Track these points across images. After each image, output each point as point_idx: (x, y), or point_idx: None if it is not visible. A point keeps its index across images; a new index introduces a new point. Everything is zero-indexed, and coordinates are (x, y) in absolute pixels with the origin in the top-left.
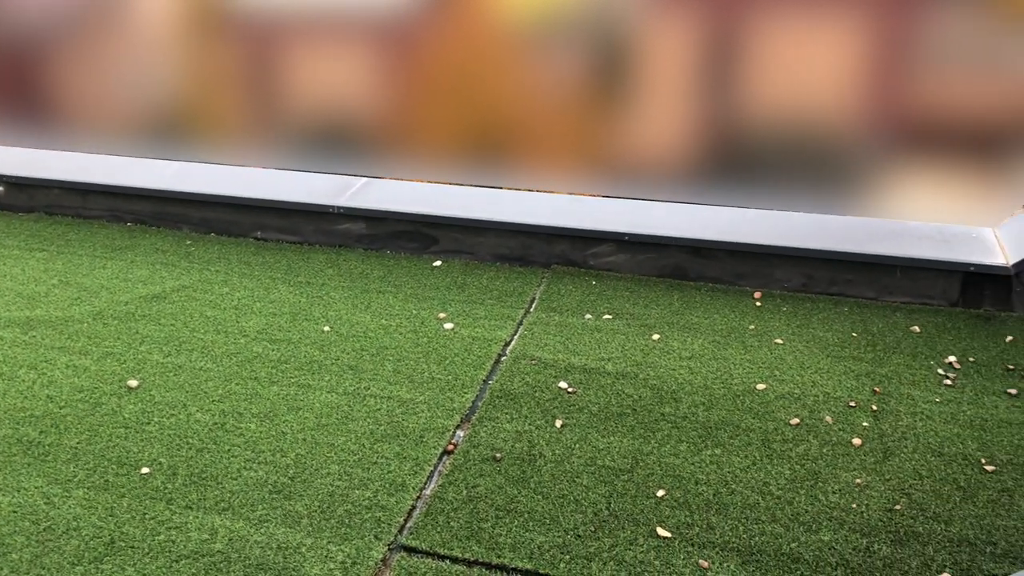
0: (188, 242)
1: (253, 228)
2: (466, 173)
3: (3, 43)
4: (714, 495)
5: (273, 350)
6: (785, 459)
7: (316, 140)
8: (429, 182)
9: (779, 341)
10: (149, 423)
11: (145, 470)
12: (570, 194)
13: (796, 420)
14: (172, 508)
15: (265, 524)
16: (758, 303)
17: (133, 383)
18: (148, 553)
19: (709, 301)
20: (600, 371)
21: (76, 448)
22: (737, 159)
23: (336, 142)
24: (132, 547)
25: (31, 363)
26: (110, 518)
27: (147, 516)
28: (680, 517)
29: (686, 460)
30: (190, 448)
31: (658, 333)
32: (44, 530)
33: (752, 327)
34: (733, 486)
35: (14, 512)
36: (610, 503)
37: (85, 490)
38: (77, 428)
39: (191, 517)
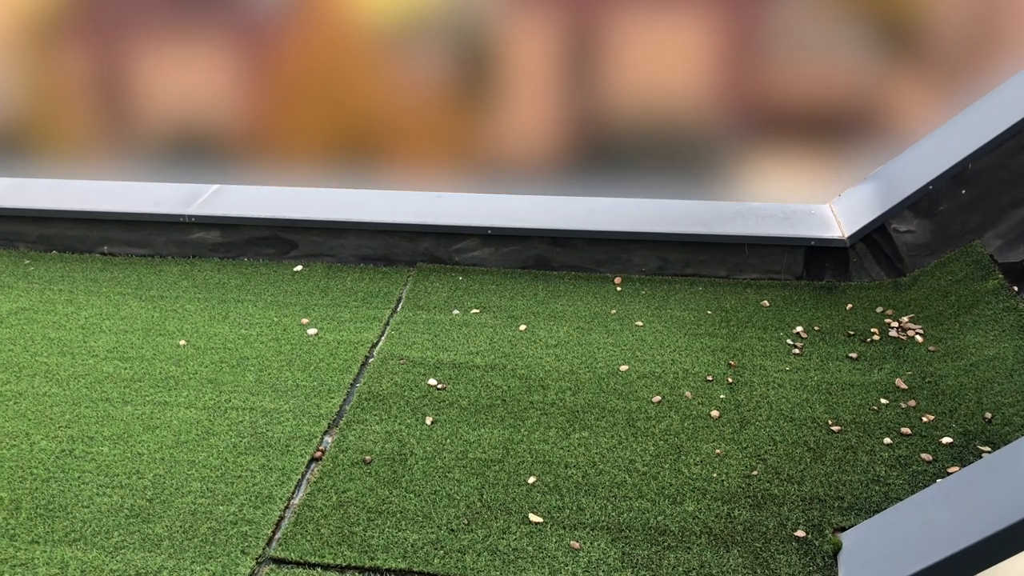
0: (27, 261)
1: (99, 243)
2: (329, 176)
3: None
4: (583, 477)
5: (125, 368)
6: (649, 436)
7: (168, 149)
8: (284, 186)
9: (639, 323)
10: None
11: None
12: (432, 191)
13: (658, 398)
14: (16, 544)
15: (122, 551)
16: (618, 288)
17: None
18: None
19: (572, 289)
20: (469, 365)
21: None
22: (596, 151)
23: (190, 150)
24: None
25: None
26: None
27: None
28: (551, 502)
29: (555, 445)
30: (35, 479)
31: (525, 323)
32: None
33: (614, 311)
34: (601, 466)
35: None
36: (482, 494)
37: None
38: None
39: (38, 552)
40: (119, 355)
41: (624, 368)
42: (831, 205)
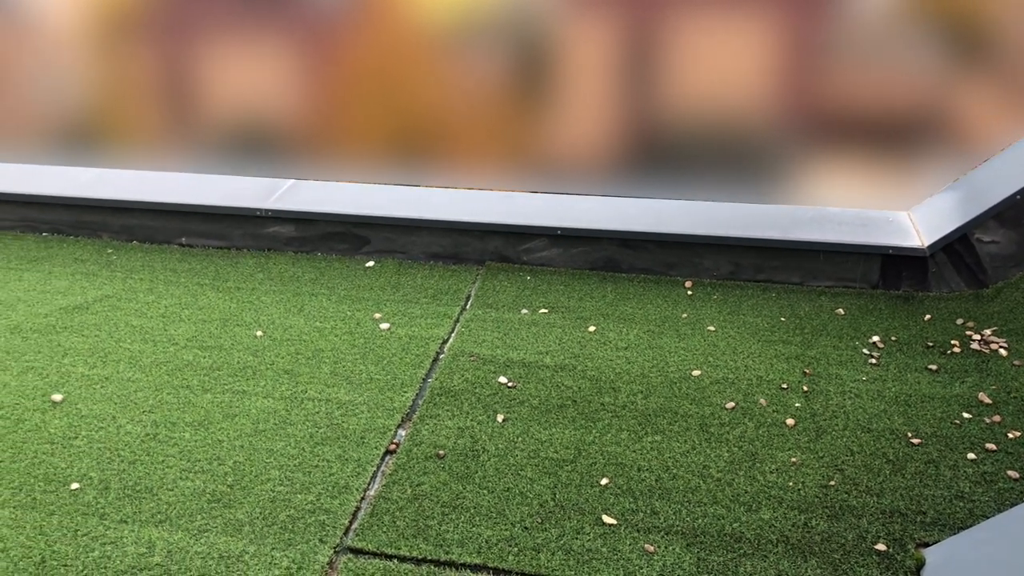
0: (109, 251)
1: (178, 234)
2: (394, 173)
3: None
4: (656, 481)
5: (204, 357)
6: (723, 442)
7: (240, 144)
8: (357, 182)
9: (711, 328)
10: (77, 437)
11: (75, 485)
12: (502, 191)
13: (731, 404)
14: (106, 523)
15: (205, 534)
16: (689, 292)
17: (57, 397)
18: (82, 571)
19: (642, 292)
20: (539, 364)
21: None
22: (661, 153)
23: (260, 145)
24: (65, 565)
25: None
26: (40, 536)
27: (79, 532)
28: (624, 504)
29: (627, 448)
30: (122, 461)
31: (594, 325)
32: None
33: (685, 315)
34: (674, 471)
35: None
36: (555, 494)
37: (11, 509)
38: (0, 446)
39: (126, 531)
40: (198, 344)
41: (696, 373)
42: (909, 213)
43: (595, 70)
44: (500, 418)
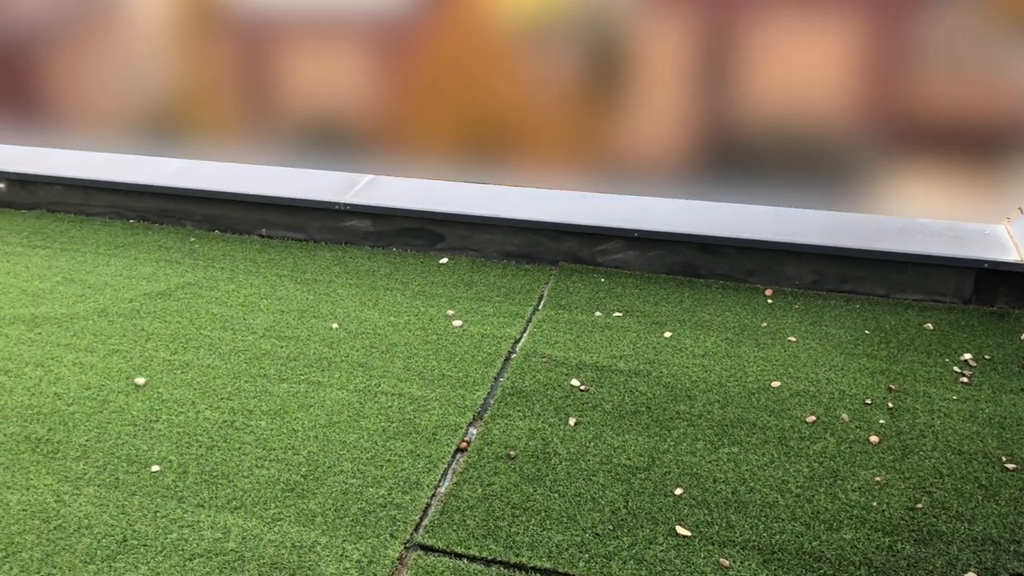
0: (192, 239)
1: (258, 225)
2: (468, 171)
3: (5, 42)
4: (733, 493)
5: (281, 347)
6: (803, 457)
7: (317, 138)
8: (433, 179)
9: (792, 339)
10: (158, 421)
11: (155, 468)
12: (577, 191)
13: (812, 418)
14: (184, 506)
15: (279, 523)
16: (769, 300)
17: (140, 381)
18: (161, 551)
19: (720, 298)
20: (612, 369)
21: (85, 446)
22: (740, 156)
23: (337, 140)
24: (144, 545)
25: (37, 360)
26: (122, 516)
27: (159, 514)
28: (699, 515)
29: (703, 458)
30: (200, 446)
31: (670, 330)
32: (55, 528)
33: (764, 324)
34: (751, 484)
35: (23, 510)
36: (628, 501)
37: (95, 488)
38: (86, 426)
39: (203, 515)
40: (276, 334)
41: (776, 384)
42: (1007, 226)
43: (672, 69)
44: (572, 421)
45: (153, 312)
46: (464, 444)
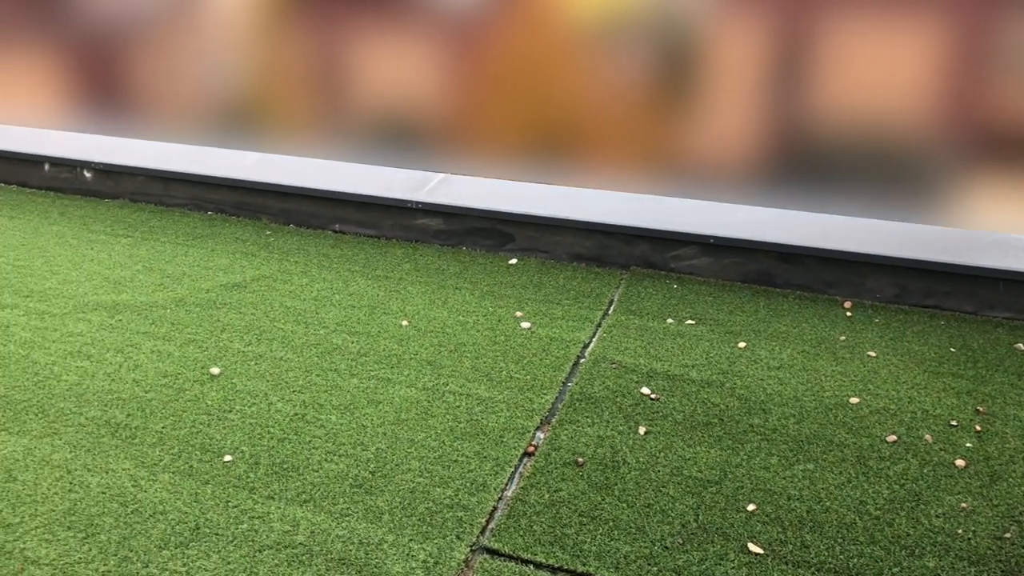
0: (267, 232)
1: (332, 220)
2: (538, 170)
3: (92, 34)
4: (808, 512)
5: (352, 342)
6: (883, 478)
7: (389, 134)
8: (503, 179)
9: (872, 354)
10: (231, 411)
11: (228, 458)
12: (650, 194)
13: (893, 437)
14: (255, 497)
15: (347, 518)
16: (848, 313)
17: (215, 370)
18: (232, 541)
19: (797, 309)
20: (684, 378)
21: (161, 432)
22: (817, 163)
23: (408, 137)
24: (216, 534)
25: (118, 346)
26: (195, 504)
27: (230, 504)
28: (772, 533)
29: (777, 474)
30: (271, 437)
31: (744, 341)
32: (131, 512)
33: (843, 338)
34: (827, 503)
35: (103, 493)
36: (698, 515)
37: (170, 475)
38: (162, 413)
39: (273, 507)
40: (347, 329)
41: (854, 400)
42: None
43: (747, 70)
44: (642, 430)
45: (229, 303)
46: (531, 448)
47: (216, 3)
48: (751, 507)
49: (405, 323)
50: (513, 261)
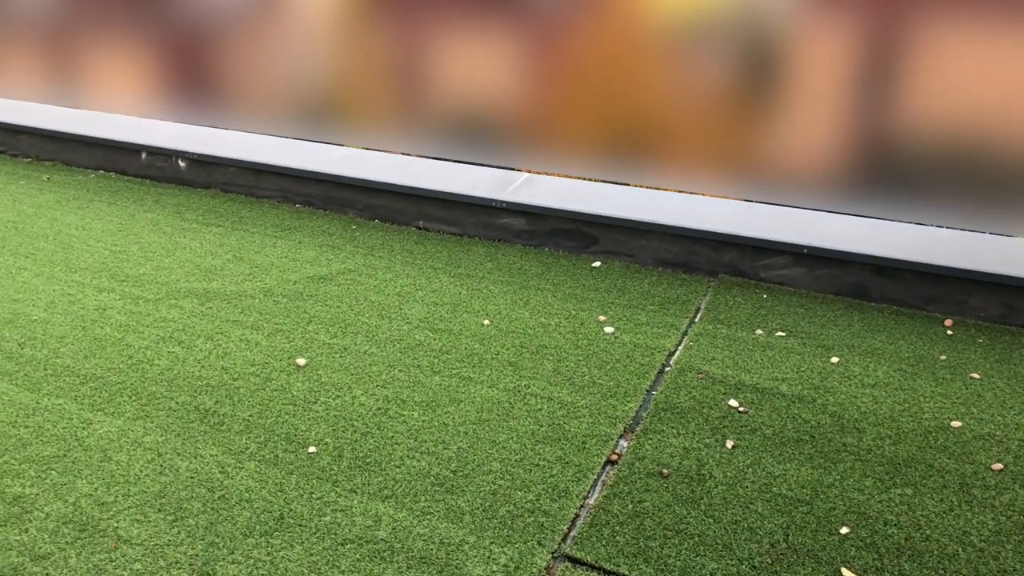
0: (353, 227)
1: (416, 217)
2: (623, 172)
3: (189, 27)
4: (906, 539)
5: (435, 339)
6: (988, 508)
7: (473, 133)
8: (585, 179)
9: (975, 376)
10: (316, 402)
11: (312, 449)
12: (741, 201)
13: (999, 465)
14: (338, 490)
15: (428, 516)
16: (949, 332)
17: (301, 361)
18: (315, 533)
19: (893, 325)
20: (774, 392)
21: (248, 420)
22: (919, 173)
23: (492, 136)
24: (300, 525)
25: (208, 334)
26: (280, 494)
27: (314, 496)
28: (867, 559)
29: (872, 497)
30: (355, 431)
31: (837, 356)
32: (219, 499)
33: (943, 357)
34: (927, 531)
35: (191, 478)
36: (788, 535)
37: (256, 463)
38: (249, 401)
39: (356, 501)
40: (429, 326)
41: (956, 424)
42: None
43: (843, 72)
44: (729, 444)
45: (315, 295)
46: (614, 456)
47: None
48: (844, 530)
49: (487, 322)
50: (596, 264)
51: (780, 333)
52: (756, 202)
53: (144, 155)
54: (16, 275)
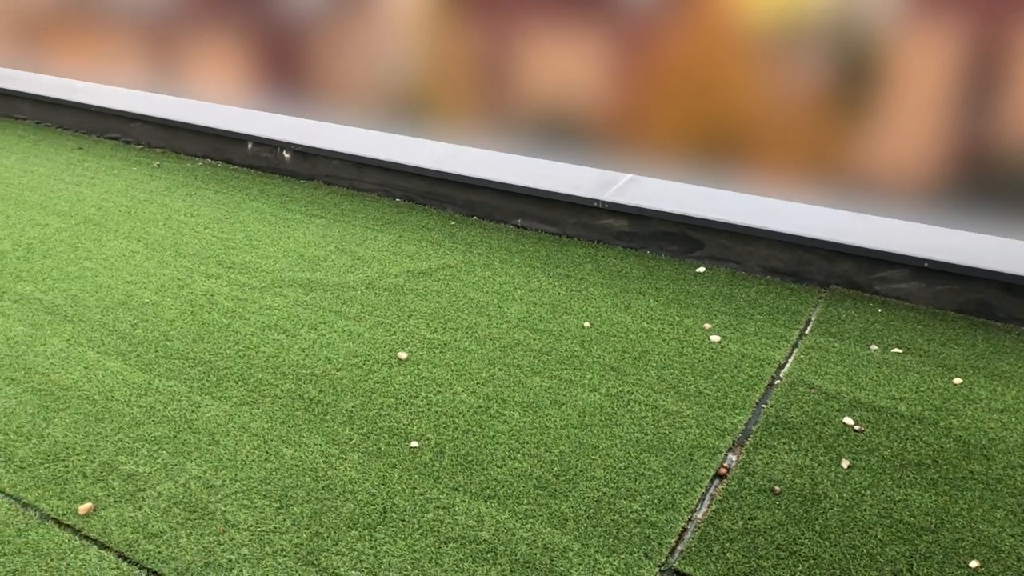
0: (452, 223)
1: (515, 215)
2: (729, 177)
3: (294, 21)
4: None
5: (535, 340)
6: None
7: (574, 132)
8: (693, 183)
9: None
10: (417, 397)
11: (414, 444)
12: (854, 210)
13: None
14: (440, 487)
15: (531, 520)
16: None
17: (403, 355)
18: (418, 529)
19: (1022, 347)
20: (892, 411)
21: (351, 412)
22: (996, 182)
23: (593, 136)
24: (403, 520)
25: (311, 323)
26: (382, 487)
27: (416, 491)
28: None
29: (1003, 530)
30: (456, 428)
31: (960, 376)
32: (323, 488)
33: None
34: None
35: (297, 466)
36: (912, 564)
37: (360, 455)
38: (352, 392)
39: (458, 500)
40: (529, 326)
41: None
42: None
43: (965, 79)
44: (845, 464)
45: (415, 289)
46: (723, 470)
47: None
48: (974, 564)
49: (587, 325)
50: (701, 269)
51: (897, 350)
52: (870, 213)
53: (250, 145)
54: (129, 258)
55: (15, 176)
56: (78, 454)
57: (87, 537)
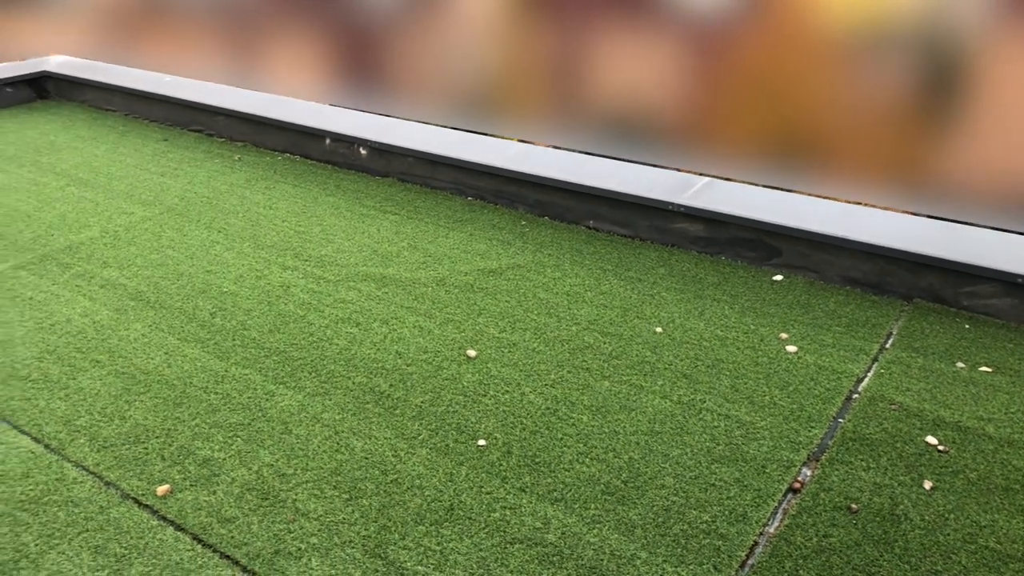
0: (523, 222)
1: (586, 216)
2: (809, 183)
3: (371, 21)
4: None
5: (604, 343)
6: None
7: (648, 134)
8: (771, 188)
9: None
10: (486, 395)
11: (482, 442)
12: (941, 220)
13: None
14: (507, 487)
15: (598, 525)
16: None
17: (472, 353)
18: (484, 528)
19: None
20: (979, 432)
21: (420, 407)
22: None
23: (668, 138)
24: (469, 518)
25: (383, 318)
26: (449, 484)
27: (483, 490)
28: None
29: None
30: (523, 429)
31: None
32: (391, 482)
33: None
34: None
35: (366, 458)
36: None
37: (428, 450)
38: (422, 388)
39: (524, 501)
40: (599, 328)
41: None
42: None
43: (1013, 90)
44: (927, 484)
45: (485, 288)
46: (797, 484)
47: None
48: None
49: (659, 330)
50: (778, 277)
51: (985, 368)
52: (959, 224)
53: (328, 141)
54: (209, 248)
55: (104, 165)
56: (157, 437)
57: (164, 518)
